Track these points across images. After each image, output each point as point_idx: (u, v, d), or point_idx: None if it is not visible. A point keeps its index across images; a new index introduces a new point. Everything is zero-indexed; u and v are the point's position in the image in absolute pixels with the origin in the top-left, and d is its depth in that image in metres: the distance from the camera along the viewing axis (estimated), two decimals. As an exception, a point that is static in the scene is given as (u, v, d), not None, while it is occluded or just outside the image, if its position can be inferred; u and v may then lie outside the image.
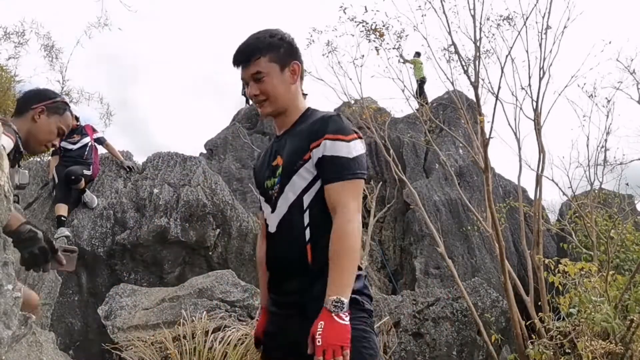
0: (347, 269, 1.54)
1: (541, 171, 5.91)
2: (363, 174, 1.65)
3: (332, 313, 1.48)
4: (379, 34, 6.75)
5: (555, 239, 10.25)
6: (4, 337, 1.92)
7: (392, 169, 7.16)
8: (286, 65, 1.77)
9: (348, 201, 1.59)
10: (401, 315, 5.89)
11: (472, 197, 9.46)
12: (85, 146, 6.21)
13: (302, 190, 1.69)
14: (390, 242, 10.09)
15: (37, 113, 2.28)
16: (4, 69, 11.43)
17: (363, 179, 1.66)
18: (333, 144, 1.63)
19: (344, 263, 1.54)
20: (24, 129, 2.24)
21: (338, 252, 1.55)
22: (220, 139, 13.22)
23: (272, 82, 1.75)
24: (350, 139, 1.64)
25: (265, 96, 1.76)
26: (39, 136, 2.31)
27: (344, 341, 1.46)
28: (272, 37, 1.78)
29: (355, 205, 1.61)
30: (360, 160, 1.64)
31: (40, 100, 2.30)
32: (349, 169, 1.62)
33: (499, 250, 5.36)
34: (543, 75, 5.85)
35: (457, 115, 10.67)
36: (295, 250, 1.69)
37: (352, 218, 1.58)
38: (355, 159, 1.63)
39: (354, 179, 1.62)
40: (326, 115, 1.73)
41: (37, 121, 2.28)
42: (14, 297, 1.47)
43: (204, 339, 4.02)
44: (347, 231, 1.56)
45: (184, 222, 6.20)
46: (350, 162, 1.62)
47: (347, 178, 1.61)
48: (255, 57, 1.74)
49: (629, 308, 4.05)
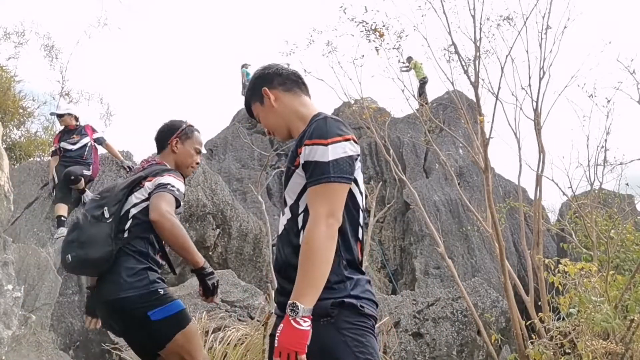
0: (307, 273, 1.54)
1: (541, 171, 5.91)
2: (339, 177, 1.61)
3: (289, 317, 1.49)
4: (379, 34, 6.75)
5: (555, 239, 10.25)
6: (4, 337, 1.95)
7: (392, 169, 7.16)
8: (261, 97, 1.89)
9: (317, 206, 1.60)
10: (401, 315, 5.89)
11: (472, 197, 9.46)
12: (84, 146, 6.20)
13: (297, 195, 1.72)
14: (390, 242, 10.10)
15: (174, 145, 2.64)
16: (4, 69, 11.42)
17: (340, 182, 1.62)
18: (311, 149, 1.64)
19: (305, 267, 1.55)
20: (170, 162, 2.63)
21: (301, 257, 1.57)
22: (220, 139, 13.23)
23: (264, 118, 1.92)
24: (330, 142, 1.63)
25: (270, 130, 1.93)
26: (184, 162, 2.66)
27: (297, 346, 1.47)
28: (249, 84, 1.96)
29: (325, 209, 1.58)
30: (338, 163, 1.61)
31: (172, 134, 2.65)
32: (322, 173, 1.61)
33: (499, 250, 5.36)
34: (543, 75, 5.85)
35: (457, 115, 10.67)
36: (290, 254, 1.70)
37: (318, 222, 1.57)
38: (330, 163, 1.61)
39: (326, 182, 1.60)
40: (315, 119, 1.75)
41: (176, 151, 2.64)
42: (14, 297, 1.48)
43: (203, 339, 4.01)
44: (311, 236, 1.56)
45: (184, 222, 6.20)
46: (324, 166, 1.61)
47: (319, 182, 1.61)
48: (250, 106, 1.96)
49: (629, 308, 4.05)
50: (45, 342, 4.01)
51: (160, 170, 2.49)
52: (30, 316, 3.77)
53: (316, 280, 1.54)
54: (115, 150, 6.72)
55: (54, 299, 4.80)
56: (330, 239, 1.58)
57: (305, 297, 1.52)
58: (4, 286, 3.46)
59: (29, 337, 3.73)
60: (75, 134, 6.21)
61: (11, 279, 3.63)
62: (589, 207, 6.08)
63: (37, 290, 4.56)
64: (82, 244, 2.34)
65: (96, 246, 2.31)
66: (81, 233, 2.37)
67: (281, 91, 1.87)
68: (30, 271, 4.61)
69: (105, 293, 2.35)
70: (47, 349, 3.97)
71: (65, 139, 6.20)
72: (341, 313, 1.60)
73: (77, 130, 6.26)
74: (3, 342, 3.18)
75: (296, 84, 1.91)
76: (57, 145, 6.23)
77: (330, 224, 1.58)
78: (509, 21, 6.17)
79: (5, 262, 3.68)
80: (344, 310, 1.61)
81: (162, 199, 2.33)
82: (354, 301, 1.62)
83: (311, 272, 1.54)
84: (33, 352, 3.75)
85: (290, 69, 1.95)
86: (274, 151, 9.94)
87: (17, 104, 11.23)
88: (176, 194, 2.38)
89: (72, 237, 2.39)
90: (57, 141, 6.27)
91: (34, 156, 10.62)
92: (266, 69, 1.94)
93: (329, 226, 1.58)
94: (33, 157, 10.40)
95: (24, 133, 11.79)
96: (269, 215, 6.90)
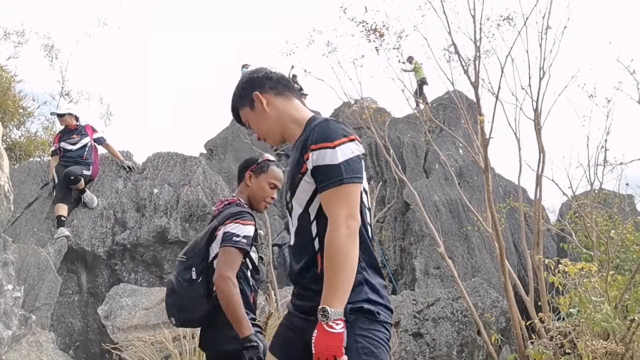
0: (334, 278, 1.55)
1: (541, 171, 5.90)
2: (352, 177, 1.62)
3: (322, 322, 1.51)
4: (379, 34, 6.74)
5: (555, 239, 10.25)
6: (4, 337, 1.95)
7: (392, 169, 7.16)
8: (252, 102, 1.85)
9: (335, 209, 1.60)
10: (401, 315, 5.89)
11: (472, 197, 9.47)
12: (84, 146, 6.20)
13: (306, 202, 1.72)
14: (390, 242, 10.10)
15: (248, 178, 2.68)
16: (4, 69, 11.43)
17: (354, 183, 1.62)
18: (319, 154, 1.63)
19: (330, 272, 1.56)
20: (244, 196, 2.68)
21: (326, 262, 1.58)
22: (220, 139, 13.23)
23: (255, 123, 1.89)
24: (336, 144, 1.62)
25: (261, 135, 1.90)
26: (255, 196, 2.68)
27: (334, 350, 1.49)
28: (236, 89, 1.93)
29: (344, 212, 1.59)
30: (348, 164, 1.62)
31: (247, 167, 2.70)
32: (335, 176, 1.61)
33: (499, 251, 5.36)
34: (543, 75, 5.83)
35: (457, 115, 10.67)
36: (307, 261, 1.71)
37: (339, 226, 1.58)
38: (341, 165, 1.61)
39: (340, 184, 1.60)
40: (315, 123, 1.74)
41: (250, 185, 2.68)
42: (14, 297, 1.48)
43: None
44: (333, 240, 1.57)
45: (184, 222, 6.20)
46: (335, 168, 1.61)
47: (333, 185, 1.61)
48: (237, 112, 1.93)
49: (629, 308, 4.04)
50: (45, 342, 4.01)
51: (229, 215, 2.50)
52: (30, 316, 3.76)
53: (343, 284, 1.56)
54: (116, 150, 6.72)
55: (54, 299, 4.80)
56: (353, 241, 1.58)
57: (335, 301, 1.53)
58: (4, 286, 3.46)
59: (29, 337, 3.73)
60: (75, 134, 6.22)
61: (11, 279, 3.62)
62: (589, 207, 6.07)
63: (37, 290, 4.57)
64: (181, 308, 2.49)
65: (193, 309, 2.46)
66: (178, 297, 2.50)
67: (273, 95, 1.85)
68: (30, 271, 4.61)
69: (207, 345, 2.53)
70: (47, 349, 3.96)
71: (65, 139, 6.20)
72: (358, 319, 1.61)
73: (77, 130, 6.26)
74: (3, 342, 3.18)
75: (287, 87, 1.88)
76: (57, 145, 6.23)
77: (350, 225, 1.59)
78: (509, 21, 6.16)
79: (5, 262, 3.68)
80: (360, 316, 1.61)
81: (224, 257, 2.39)
82: (371, 307, 1.63)
83: (338, 275, 1.55)
84: (33, 352, 3.75)
85: (279, 73, 1.91)
86: (274, 151, 9.94)
87: (17, 104, 11.23)
88: (241, 245, 2.40)
89: (172, 302, 2.54)
90: (57, 141, 6.27)
91: (34, 156, 10.62)
92: (255, 72, 1.90)
93: (350, 228, 1.59)
94: (33, 157, 10.41)
95: (24, 133, 11.80)
96: (268, 215, 6.89)
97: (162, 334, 4.26)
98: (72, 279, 5.94)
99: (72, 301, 5.81)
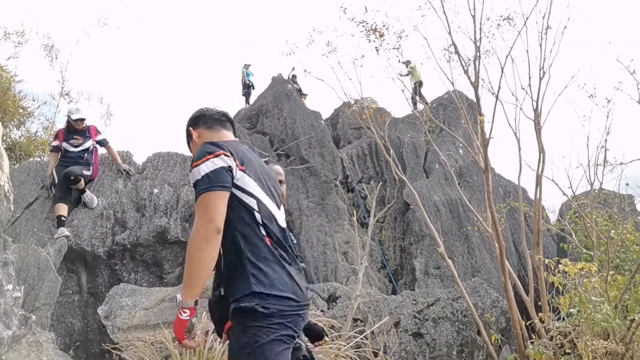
0: (186, 273, 1.88)
1: (541, 171, 5.91)
2: (213, 186, 1.91)
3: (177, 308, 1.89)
4: (379, 34, 6.74)
5: (555, 239, 10.24)
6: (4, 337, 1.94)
7: (392, 169, 7.16)
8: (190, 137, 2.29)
9: (197, 216, 1.91)
10: (401, 315, 5.89)
11: (472, 197, 9.46)
12: (86, 150, 6.22)
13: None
14: (390, 242, 10.08)
15: None
16: (4, 69, 11.42)
17: (214, 190, 1.91)
18: (192, 173, 2.00)
19: (185, 268, 1.88)
20: None
21: (186, 259, 1.88)
22: (220, 139, 13.16)
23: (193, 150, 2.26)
24: (199, 163, 1.96)
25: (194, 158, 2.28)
26: None
27: (177, 333, 1.87)
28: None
29: (202, 218, 1.88)
30: (208, 176, 1.92)
31: None
32: (198, 188, 1.94)
33: (499, 251, 5.36)
34: (543, 75, 5.84)
35: (457, 115, 10.67)
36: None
37: (196, 230, 1.87)
38: (203, 178, 1.93)
39: (201, 194, 1.92)
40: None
41: None
42: (14, 297, 1.48)
43: (204, 339, 4.01)
44: (189, 243, 1.88)
45: (184, 222, 6.20)
46: (199, 182, 1.94)
47: (197, 197, 1.94)
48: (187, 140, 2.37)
49: (629, 308, 4.04)
50: (45, 342, 4.01)
51: None
52: (30, 316, 3.76)
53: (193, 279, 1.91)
54: (116, 153, 6.73)
55: (54, 299, 4.79)
56: (207, 244, 1.86)
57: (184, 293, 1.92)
58: (4, 286, 3.45)
59: (29, 337, 3.72)
60: (79, 136, 6.22)
61: (11, 279, 3.62)
62: (589, 207, 6.06)
63: (37, 290, 4.56)
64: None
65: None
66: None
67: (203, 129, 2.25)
68: (30, 271, 4.61)
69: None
70: (47, 349, 3.96)
71: (69, 139, 6.20)
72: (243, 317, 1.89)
73: (82, 131, 6.26)
74: (3, 342, 3.17)
75: (217, 121, 2.26)
76: (60, 143, 6.23)
77: (207, 228, 1.88)
78: (509, 21, 6.17)
79: (5, 262, 3.67)
80: (244, 315, 1.88)
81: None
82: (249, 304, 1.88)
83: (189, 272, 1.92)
84: (33, 352, 3.75)
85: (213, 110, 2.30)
86: (274, 151, 9.94)
87: (17, 104, 11.23)
88: None
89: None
90: (62, 139, 6.26)
91: (34, 156, 10.62)
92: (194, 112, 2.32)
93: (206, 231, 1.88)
94: (33, 157, 10.40)
95: (24, 133, 11.80)
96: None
97: (162, 334, 4.26)
98: (72, 279, 5.94)
99: (72, 301, 5.81)
